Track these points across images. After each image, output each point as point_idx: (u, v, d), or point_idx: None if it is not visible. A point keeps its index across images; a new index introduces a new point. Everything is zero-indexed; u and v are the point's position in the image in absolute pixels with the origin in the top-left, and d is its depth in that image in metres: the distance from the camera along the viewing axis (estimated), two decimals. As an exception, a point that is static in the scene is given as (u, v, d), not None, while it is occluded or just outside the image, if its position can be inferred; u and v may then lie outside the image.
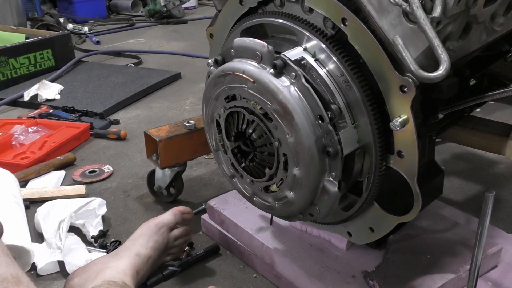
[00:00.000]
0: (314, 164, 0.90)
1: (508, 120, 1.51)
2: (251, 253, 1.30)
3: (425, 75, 0.77)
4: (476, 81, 1.12)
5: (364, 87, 0.88)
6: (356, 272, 1.13)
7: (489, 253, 1.16)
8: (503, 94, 1.02)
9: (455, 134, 1.30)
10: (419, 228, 1.24)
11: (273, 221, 1.30)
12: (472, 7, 0.84)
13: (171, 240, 1.27)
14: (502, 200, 1.59)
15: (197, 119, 1.55)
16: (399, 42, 0.80)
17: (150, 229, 1.24)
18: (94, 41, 3.87)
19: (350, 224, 1.06)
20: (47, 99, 2.56)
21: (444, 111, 1.03)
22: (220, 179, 1.77)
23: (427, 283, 1.08)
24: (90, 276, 1.09)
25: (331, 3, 0.87)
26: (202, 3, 5.35)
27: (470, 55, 0.99)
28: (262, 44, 0.91)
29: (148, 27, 4.42)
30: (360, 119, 0.89)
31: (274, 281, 1.25)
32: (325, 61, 0.90)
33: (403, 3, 0.78)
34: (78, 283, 1.10)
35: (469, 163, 1.84)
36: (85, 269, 1.14)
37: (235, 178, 1.09)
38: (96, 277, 1.08)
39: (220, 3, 1.10)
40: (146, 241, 1.21)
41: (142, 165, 1.90)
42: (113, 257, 1.17)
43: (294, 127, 0.89)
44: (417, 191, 0.90)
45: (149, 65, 3.26)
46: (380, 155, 0.90)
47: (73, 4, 4.65)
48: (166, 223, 1.26)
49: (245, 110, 0.97)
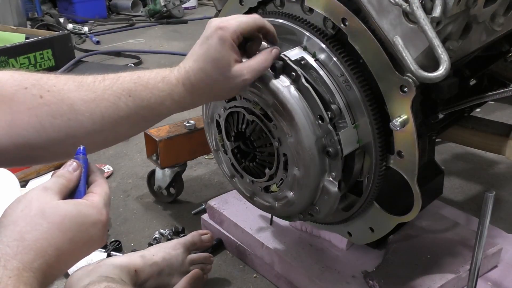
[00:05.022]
0: (314, 164, 0.90)
1: (508, 120, 1.51)
2: (251, 253, 1.30)
3: (425, 75, 0.77)
4: (476, 81, 1.12)
5: (364, 87, 0.88)
6: (356, 272, 1.13)
7: (489, 253, 1.16)
8: (503, 94, 1.02)
9: (455, 134, 1.30)
10: (419, 228, 1.24)
11: (273, 221, 1.30)
12: (472, 7, 0.84)
13: (187, 262, 1.22)
14: (502, 200, 1.59)
15: (197, 119, 1.55)
16: (399, 42, 0.80)
17: (165, 244, 1.24)
18: (94, 41, 3.86)
19: (350, 224, 1.06)
20: (47, 99, 2.56)
21: (444, 111, 1.03)
22: (220, 179, 1.77)
23: (427, 283, 1.08)
24: (86, 270, 1.09)
25: (331, 3, 0.87)
26: (202, 3, 5.34)
27: (470, 55, 0.99)
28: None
29: (148, 27, 4.41)
30: (360, 119, 0.89)
31: (274, 281, 1.25)
32: (325, 61, 0.90)
33: (403, 3, 0.78)
34: (77, 277, 1.10)
35: (469, 163, 1.84)
36: (87, 268, 1.14)
37: (235, 178, 1.09)
38: (92, 271, 1.07)
39: (220, 3, 1.10)
40: (156, 250, 1.20)
41: (142, 165, 1.90)
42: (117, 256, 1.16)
43: (294, 127, 0.89)
44: (417, 191, 0.90)
45: (149, 65, 3.25)
46: (380, 155, 0.90)
47: (73, 4, 4.64)
48: (182, 241, 1.25)
49: (245, 110, 0.97)
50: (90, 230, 0.66)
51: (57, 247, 0.62)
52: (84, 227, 0.65)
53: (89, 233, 0.65)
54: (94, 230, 0.66)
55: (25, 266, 0.59)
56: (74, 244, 0.64)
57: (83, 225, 0.65)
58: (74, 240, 0.63)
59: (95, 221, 0.66)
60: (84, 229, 0.65)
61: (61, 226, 0.62)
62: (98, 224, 0.66)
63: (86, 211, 0.66)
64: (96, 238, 0.67)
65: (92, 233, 0.66)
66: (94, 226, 0.66)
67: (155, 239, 1.43)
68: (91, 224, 0.65)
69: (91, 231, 0.66)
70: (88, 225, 0.65)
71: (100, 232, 0.67)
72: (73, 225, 0.64)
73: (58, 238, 0.62)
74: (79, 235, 0.64)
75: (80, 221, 0.64)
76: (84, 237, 0.65)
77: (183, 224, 1.51)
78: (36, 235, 0.61)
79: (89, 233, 0.65)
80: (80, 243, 0.65)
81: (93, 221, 0.66)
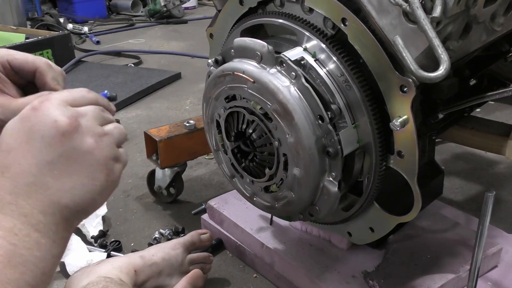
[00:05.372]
0: (314, 164, 0.90)
1: (508, 120, 1.51)
2: (251, 253, 1.30)
3: (425, 75, 0.77)
4: (476, 81, 1.12)
5: (364, 87, 0.88)
6: (356, 272, 1.13)
7: (489, 253, 1.16)
8: (503, 94, 1.02)
9: (455, 134, 1.30)
10: (419, 228, 1.24)
11: (273, 221, 1.30)
12: (472, 7, 0.84)
13: (186, 262, 1.22)
14: (502, 200, 1.59)
15: (197, 119, 1.55)
16: (399, 42, 0.80)
17: (165, 244, 1.23)
18: (94, 41, 3.86)
19: (350, 224, 1.06)
20: (47, 99, 2.56)
21: (444, 111, 1.03)
22: (220, 179, 1.77)
23: (427, 283, 1.08)
24: (86, 271, 1.09)
25: (331, 3, 0.87)
26: (202, 3, 5.34)
27: (470, 55, 0.99)
28: (262, 44, 0.91)
29: (148, 27, 4.41)
30: (360, 119, 0.90)
31: (274, 281, 1.25)
32: (325, 61, 0.90)
33: (403, 3, 0.78)
34: (76, 278, 1.10)
35: (469, 163, 1.84)
36: (86, 269, 1.14)
37: (235, 178, 1.09)
38: (91, 272, 1.07)
39: (220, 3, 1.10)
40: (156, 250, 1.20)
41: (142, 165, 1.90)
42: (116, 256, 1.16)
43: (294, 127, 0.89)
44: (417, 191, 0.90)
45: (149, 65, 3.26)
46: (380, 155, 0.90)
47: (73, 4, 4.64)
48: (182, 241, 1.25)
49: (245, 110, 0.97)
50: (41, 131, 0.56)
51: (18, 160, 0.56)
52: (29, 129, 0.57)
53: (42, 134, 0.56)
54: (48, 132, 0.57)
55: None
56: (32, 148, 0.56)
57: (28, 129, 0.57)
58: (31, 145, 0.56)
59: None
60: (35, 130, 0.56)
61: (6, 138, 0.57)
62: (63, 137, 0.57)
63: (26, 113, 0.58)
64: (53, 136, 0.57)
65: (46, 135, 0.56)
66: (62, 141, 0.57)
67: (155, 239, 1.43)
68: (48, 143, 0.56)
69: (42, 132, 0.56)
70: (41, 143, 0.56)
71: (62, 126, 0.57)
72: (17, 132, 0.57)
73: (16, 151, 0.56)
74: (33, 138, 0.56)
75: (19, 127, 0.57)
76: (40, 141, 0.56)
77: (183, 224, 1.51)
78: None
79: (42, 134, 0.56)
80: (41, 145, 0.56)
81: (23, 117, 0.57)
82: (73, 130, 0.58)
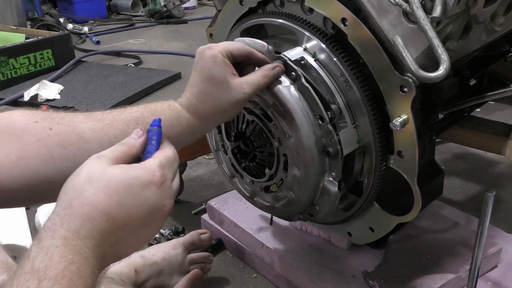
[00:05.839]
0: (314, 164, 0.90)
1: (508, 120, 1.51)
2: (251, 253, 1.30)
3: (425, 75, 0.77)
4: (476, 81, 1.12)
5: (364, 87, 0.88)
6: (356, 272, 1.13)
7: (489, 253, 1.16)
8: (503, 94, 1.02)
9: (455, 134, 1.30)
10: (419, 228, 1.24)
11: (273, 221, 1.30)
12: (472, 7, 0.84)
13: (186, 262, 1.23)
14: (502, 200, 1.59)
15: (197, 119, 1.55)
16: (399, 42, 0.80)
17: (165, 244, 1.24)
18: (94, 41, 3.86)
19: (350, 224, 1.06)
20: (47, 99, 2.55)
21: (444, 111, 1.03)
22: (220, 179, 1.77)
23: (427, 283, 1.08)
24: None
25: (331, 3, 0.87)
26: (202, 3, 5.34)
27: (470, 55, 0.99)
28: (262, 44, 0.90)
29: (148, 27, 4.41)
30: (360, 119, 0.89)
31: (274, 281, 1.25)
32: (325, 61, 0.90)
33: (403, 3, 0.78)
34: None
35: (469, 163, 1.84)
36: None
37: (235, 178, 1.09)
38: None
39: (220, 3, 1.09)
40: (156, 250, 1.20)
41: (142, 165, 1.89)
42: None
43: (294, 127, 0.89)
44: (417, 191, 0.90)
45: (149, 65, 3.25)
46: (380, 155, 0.90)
47: (73, 4, 4.64)
48: (182, 241, 1.25)
49: (244, 110, 0.97)
50: (142, 193, 0.60)
51: (104, 212, 0.58)
52: (133, 189, 0.60)
53: (141, 196, 0.60)
54: (147, 193, 0.60)
55: (73, 235, 0.56)
56: (125, 209, 0.59)
57: (131, 187, 0.59)
58: (123, 203, 0.59)
59: (146, 182, 0.60)
60: (134, 191, 0.60)
61: (107, 190, 0.58)
62: (151, 186, 0.61)
63: (135, 173, 0.61)
64: (152, 202, 0.61)
65: (146, 196, 0.60)
66: (146, 188, 0.60)
67: (155, 239, 1.43)
68: (141, 186, 0.60)
69: (144, 194, 0.60)
70: (137, 188, 0.60)
71: (156, 195, 0.61)
72: (119, 188, 0.59)
73: (104, 202, 0.58)
74: (128, 198, 0.59)
75: (128, 183, 0.59)
76: (135, 200, 0.60)
77: (183, 224, 1.51)
78: (82, 201, 0.57)
79: (141, 197, 0.60)
80: (133, 208, 0.60)
81: (143, 182, 0.60)
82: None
